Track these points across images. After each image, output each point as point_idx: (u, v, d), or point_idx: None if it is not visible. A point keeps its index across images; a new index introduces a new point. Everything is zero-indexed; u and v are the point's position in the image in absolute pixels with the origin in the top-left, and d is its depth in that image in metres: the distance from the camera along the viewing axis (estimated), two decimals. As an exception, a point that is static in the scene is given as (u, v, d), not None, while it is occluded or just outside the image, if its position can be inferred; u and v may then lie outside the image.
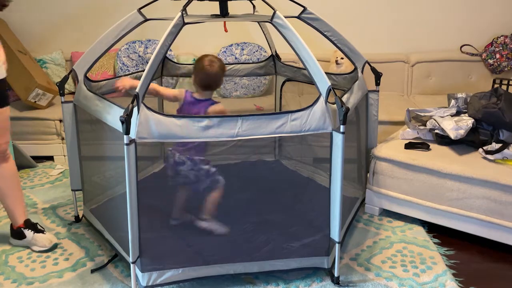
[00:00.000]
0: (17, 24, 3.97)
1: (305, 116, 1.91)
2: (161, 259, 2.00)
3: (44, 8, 3.98)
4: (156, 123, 1.82)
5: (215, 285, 2.07)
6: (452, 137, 2.50)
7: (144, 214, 1.90)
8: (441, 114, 2.67)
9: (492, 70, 3.83)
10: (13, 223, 2.38)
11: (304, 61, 1.96)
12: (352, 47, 2.51)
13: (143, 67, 3.79)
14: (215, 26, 3.30)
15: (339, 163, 1.92)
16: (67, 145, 2.47)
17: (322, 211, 2.05)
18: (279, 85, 3.20)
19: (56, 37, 4.04)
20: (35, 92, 3.43)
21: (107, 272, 2.18)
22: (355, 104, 2.29)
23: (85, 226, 2.57)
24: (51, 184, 3.16)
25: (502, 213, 2.26)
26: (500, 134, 2.51)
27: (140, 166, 1.86)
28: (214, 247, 2.14)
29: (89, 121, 2.27)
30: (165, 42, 1.87)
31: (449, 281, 2.11)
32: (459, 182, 2.36)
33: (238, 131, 1.85)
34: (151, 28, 3.20)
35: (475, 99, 2.65)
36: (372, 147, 2.69)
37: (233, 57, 3.86)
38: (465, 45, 3.94)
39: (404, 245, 2.40)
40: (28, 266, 2.23)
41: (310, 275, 2.14)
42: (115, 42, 2.35)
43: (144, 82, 1.83)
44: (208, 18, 2.18)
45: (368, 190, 2.69)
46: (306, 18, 2.26)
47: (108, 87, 2.57)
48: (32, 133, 3.48)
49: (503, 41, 3.80)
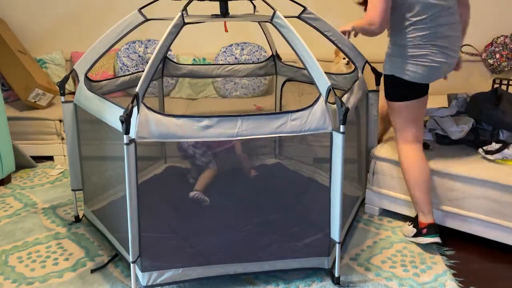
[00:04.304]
0: (17, 24, 3.97)
1: (305, 116, 1.91)
2: (161, 258, 2.00)
3: (44, 8, 3.99)
4: (156, 123, 1.82)
5: (215, 285, 2.07)
6: (452, 137, 2.50)
7: (144, 213, 1.91)
8: (441, 114, 2.67)
9: (492, 70, 3.83)
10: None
11: (304, 61, 1.96)
12: (352, 47, 2.51)
13: (143, 67, 3.80)
14: (215, 26, 3.31)
15: (339, 163, 1.92)
16: (67, 145, 2.47)
17: (322, 211, 2.05)
18: (279, 85, 3.20)
19: (56, 37, 4.05)
20: (35, 92, 3.43)
21: (107, 272, 2.18)
22: (355, 104, 2.29)
23: (85, 226, 2.58)
24: (51, 184, 3.16)
25: (502, 213, 2.26)
26: (500, 134, 2.51)
27: (140, 167, 1.86)
28: (215, 247, 2.13)
29: (89, 121, 2.27)
30: (165, 42, 1.88)
31: (449, 281, 2.11)
32: (459, 182, 2.36)
33: (238, 131, 1.85)
34: (151, 28, 3.21)
35: (475, 99, 2.65)
36: (372, 147, 2.69)
37: (233, 57, 3.86)
38: (465, 45, 3.94)
39: (404, 245, 2.40)
40: (28, 266, 2.23)
41: (310, 275, 2.14)
42: (116, 42, 2.35)
43: (144, 82, 1.83)
44: (208, 18, 2.18)
45: (368, 190, 2.69)
46: (306, 18, 2.26)
47: (108, 87, 2.57)
48: (32, 133, 3.48)
49: (503, 41, 3.80)
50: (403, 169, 2.36)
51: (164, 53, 1.90)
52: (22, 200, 2.91)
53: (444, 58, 2.23)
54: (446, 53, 2.23)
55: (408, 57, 2.23)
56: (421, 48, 2.21)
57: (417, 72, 2.23)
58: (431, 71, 2.24)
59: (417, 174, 2.31)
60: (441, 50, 2.22)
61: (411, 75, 2.23)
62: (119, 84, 2.66)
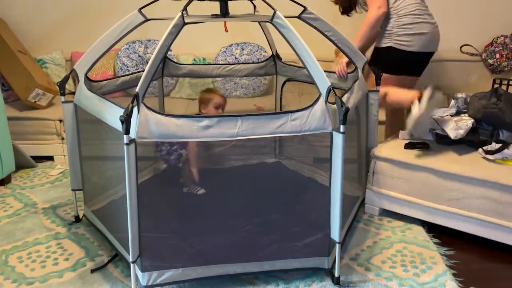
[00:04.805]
0: (17, 24, 3.97)
1: (305, 116, 1.91)
2: (162, 258, 2.00)
3: (44, 8, 3.99)
4: (156, 123, 1.82)
5: (215, 285, 2.07)
6: (451, 137, 2.50)
7: (144, 213, 1.91)
8: (441, 114, 2.67)
9: (492, 70, 3.83)
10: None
11: (304, 61, 1.96)
12: (352, 47, 2.51)
13: (143, 67, 3.80)
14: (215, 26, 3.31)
15: (339, 163, 1.92)
16: (67, 145, 2.47)
17: (322, 211, 2.05)
18: (279, 85, 3.20)
19: (56, 37, 4.05)
20: (35, 92, 3.43)
21: (107, 272, 2.18)
22: (355, 104, 2.29)
23: (85, 226, 2.58)
24: (51, 184, 3.16)
25: (502, 213, 2.26)
26: (500, 134, 2.51)
27: (140, 167, 1.86)
28: (215, 247, 2.13)
29: (90, 121, 2.27)
30: (165, 42, 1.88)
31: (449, 281, 2.11)
32: (459, 182, 2.36)
33: (238, 131, 1.85)
34: (151, 28, 3.21)
35: (475, 99, 2.65)
36: (372, 147, 2.69)
37: (233, 57, 3.86)
38: (465, 45, 3.94)
39: (404, 245, 2.40)
40: (28, 266, 2.23)
41: (310, 275, 2.14)
42: (116, 42, 2.35)
43: (144, 82, 1.83)
44: (208, 18, 2.18)
45: (368, 190, 2.69)
46: (307, 18, 2.26)
47: (108, 87, 2.57)
48: (32, 133, 3.48)
49: (503, 41, 3.80)
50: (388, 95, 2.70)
51: (164, 53, 1.90)
52: (22, 200, 2.91)
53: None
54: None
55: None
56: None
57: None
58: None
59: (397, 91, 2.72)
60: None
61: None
62: (119, 84, 2.66)
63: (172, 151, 2.62)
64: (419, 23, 2.72)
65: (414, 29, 2.72)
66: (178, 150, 2.61)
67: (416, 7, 2.73)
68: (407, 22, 2.71)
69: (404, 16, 2.71)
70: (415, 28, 2.72)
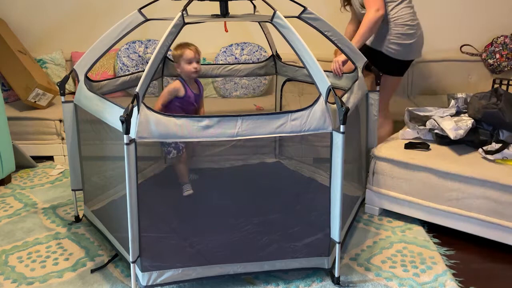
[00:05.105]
0: (17, 24, 3.97)
1: (305, 116, 1.91)
2: (161, 258, 2.00)
3: (44, 8, 3.98)
4: (156, 123, 1.82)
5: (215, 285, 2.07)
6: (451, 137, 2.50)
7: (144, 213, 1.91)
8: (441, 114, 2.67)
9: (492, 70, 3.83)
10: None
11: (304, 61, 1.96)
12: (352, 47, 2.51)
13: (143, 67, 3.80)
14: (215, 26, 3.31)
15: (339, 163, 1.92)
16: (68, 145, 2.47)
17: (322, 211, 2.05)
18: (279, 85, 3.20)
19: (56, 37, 4.05)
20: (35, 92, 3.43)
21: (107, 272, 2.18)
22: (355, 104, 2.29)
23: (85, 226, 2.58)
24: (51, 184, 3.16)
25: (502, 213, 2.26)
26: (500, 134, 2.51)
27: (140, 167, 1.86)
28: (215, 247, 2.14)
29: (90, 121, 2.27)
30: (165, 42, 1.88)
31: (449, 281, 2.11)
32: (459, 182, 2.36)
33: (238, 130, 1.85)
34: (151, 28, 3.21)
35: (475, 99, 2.65)
36: (372, 147, 2.69)
37: (233, 57, 3.86)
38: (465, 45, 3.94)
39: (404, 245, 2.40)
40: (28, 266, 2.23)
41: (310, 275, 2.14)
42: (116, 42, 2.35)
43: (144, 82, 1.83)
44: (208, 18, 2.18)
45: (368, 190, 2.69)
46: (307, 18, 2.26)
47: (108, 87, 2.57)
48: (32, 133, 3.48)
49: (503, 41, 3.80)
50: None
51: (164, 53, 1.90)
52: (22, 200, 2.91)
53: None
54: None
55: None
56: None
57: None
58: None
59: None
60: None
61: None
62: (119, 84, 2.66)
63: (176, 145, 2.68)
64: (411, 33, 2.75)
65: (405, 39, 2.74)
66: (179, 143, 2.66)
67: (410, 16, 2.75)
68: (401, 31, 2.73)
69: (400, 26, 2.73)
70: (406, 38, 2.74)
